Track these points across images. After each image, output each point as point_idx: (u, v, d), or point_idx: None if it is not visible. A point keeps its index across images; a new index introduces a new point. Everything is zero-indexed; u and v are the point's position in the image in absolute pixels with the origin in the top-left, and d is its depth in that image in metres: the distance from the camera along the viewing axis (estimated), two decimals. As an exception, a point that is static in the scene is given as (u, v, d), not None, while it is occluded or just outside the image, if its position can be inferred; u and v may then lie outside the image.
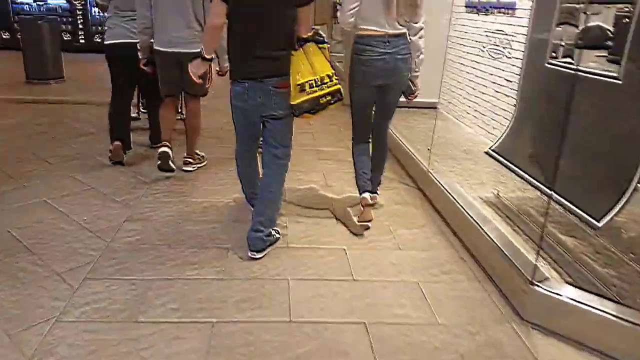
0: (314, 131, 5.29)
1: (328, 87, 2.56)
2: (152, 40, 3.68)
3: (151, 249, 2.75)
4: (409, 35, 2.91)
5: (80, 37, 10.61)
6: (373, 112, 3.18)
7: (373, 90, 3.01)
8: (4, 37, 10.45)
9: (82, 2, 10.45)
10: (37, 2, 10.47)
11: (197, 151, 4.07)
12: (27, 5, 10.45)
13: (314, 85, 2.51)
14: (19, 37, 7.26)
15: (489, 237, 2.68)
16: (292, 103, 2.51)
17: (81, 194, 3.48)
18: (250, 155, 2.93)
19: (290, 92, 2.51)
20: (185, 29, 3.53)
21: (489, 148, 4.26)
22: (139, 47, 3.69)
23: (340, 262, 2.69)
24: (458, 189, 3.40)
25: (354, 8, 2.83)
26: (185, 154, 3.98)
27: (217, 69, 3.79)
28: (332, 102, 2.58)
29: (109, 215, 3.15)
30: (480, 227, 2.80)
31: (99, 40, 10.62)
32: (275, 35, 2.51)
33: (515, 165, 3.83)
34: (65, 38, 10.57)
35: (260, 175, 2.87)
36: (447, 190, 3.34)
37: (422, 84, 3.15)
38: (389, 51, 2.86)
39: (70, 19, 10.50)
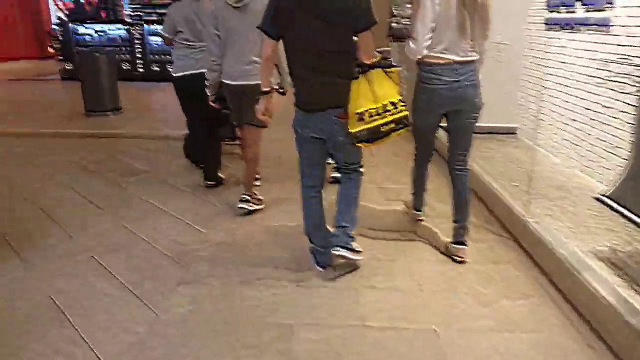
0: (376, 164, 4.79)
1: (392, 115, 2.45)
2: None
3: (205, 324, 2.33)
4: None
5: (138, 66, 10.68)
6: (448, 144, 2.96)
7: (439, 116, 2.85)
8: (67, 68, 10.67)
9: (141, 32, 10.51)
10: (99, 33, 10.64)
11: (256, 192, 3.73)
12: (88, 37, 10.65)
13: (375, 114, 2.40)
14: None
15: (624, 317, 2.06)
16: (350, 131, 2.42)
17: (131, 248, 3.13)
18: (315, 192, 2.76)
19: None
20: (250, 63, 3.41)
21: (601, 194, 3.56)
22: (207, 84, 3.60)
23: (432, 350, 2.15)
24: (567, 245, 2.78)
25: (430, 37, 2.62)
26: (244, 190, 3.66)
27: (276, 87, 3.60)
28: (396, 129, 2.47)
29: (161, 277, 2.76)
30: (609, 302, 2.18)
31: (157, 69, 10.67)
32: (337, 64, 2.43)
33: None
34: (125, 67, 10.66)
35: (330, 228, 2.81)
36: (554, 247, 2.73)
37: (499, 107, 2.72)
38: (457, 79, 2.68)
39: (129, 49, 10.59)
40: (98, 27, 10.72)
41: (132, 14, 11.68)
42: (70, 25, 10.60)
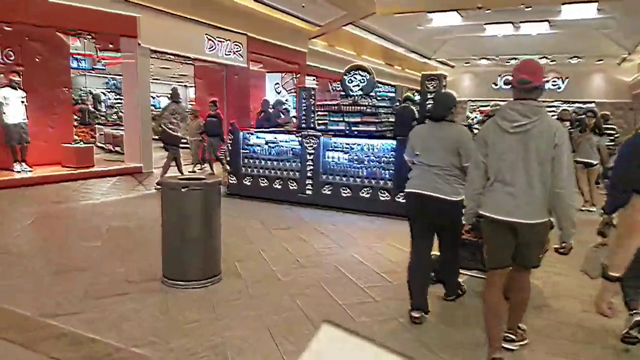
0: None
1: None
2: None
3: None
4: None
5: (307, 188, 7.89)
6: None
7: None
8: (232, 182, 8.55)
9: (315, 145, 7.80)
10: (269, 144, 8.34)
11: (520, 324, 3.22)
12: (257, 147, 8.42)
13: None
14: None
15: None
16: None
17: None
18: None
19: None
20: (529, 197, 2.81)
21: None
22: (464, 212, 3.15)
23: None
24: None
25: None
26: (506, 328, 3.15)
27: (557, 245, 2.86)
28: None
29: None
30: None
31: (328, 192, 7.71)
32: None
33: None
34: (291, 187, 8.01)
35: None
36: None
37: None
38: None
39: (299, 164, 7.96)
40: (270, 136, 8.44)
41: (318, 121, 9.33)
42: (240, 133, 8.55)
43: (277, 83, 16.81)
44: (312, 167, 7.89)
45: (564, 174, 2.73)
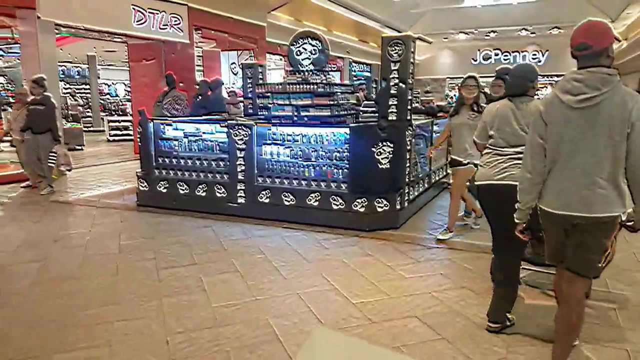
0: None
1: None
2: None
3: None
4: None
5: (239, 195, 5.80)
6: None
7: None
8: (142, 188, 6.40)
9: (246, 138, 5.69)
10: (189, 137, 6.20)
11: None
12: (175, 142, 6.27)
13: None
14: None
15: None
16: None
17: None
18: None
19: None
20: (595, 187, 2.34)
21: None
22: (517, 207, 2.64)
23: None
24: None
25: None
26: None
27: (623, 220, 2.39)
28: None
29: None
30: None
31: (266, 201, 5.65)
32: None
33: None
34: (218, 194, 5.91)
35: None
36: None
37: None
38: None
39: (227, 163, 5.86)
40: (191, 127, 6.29)
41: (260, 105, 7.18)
42: (152, 123, 6.38)
43: (234, 63, 14.54)
44: (244, 167, 5.80)
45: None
